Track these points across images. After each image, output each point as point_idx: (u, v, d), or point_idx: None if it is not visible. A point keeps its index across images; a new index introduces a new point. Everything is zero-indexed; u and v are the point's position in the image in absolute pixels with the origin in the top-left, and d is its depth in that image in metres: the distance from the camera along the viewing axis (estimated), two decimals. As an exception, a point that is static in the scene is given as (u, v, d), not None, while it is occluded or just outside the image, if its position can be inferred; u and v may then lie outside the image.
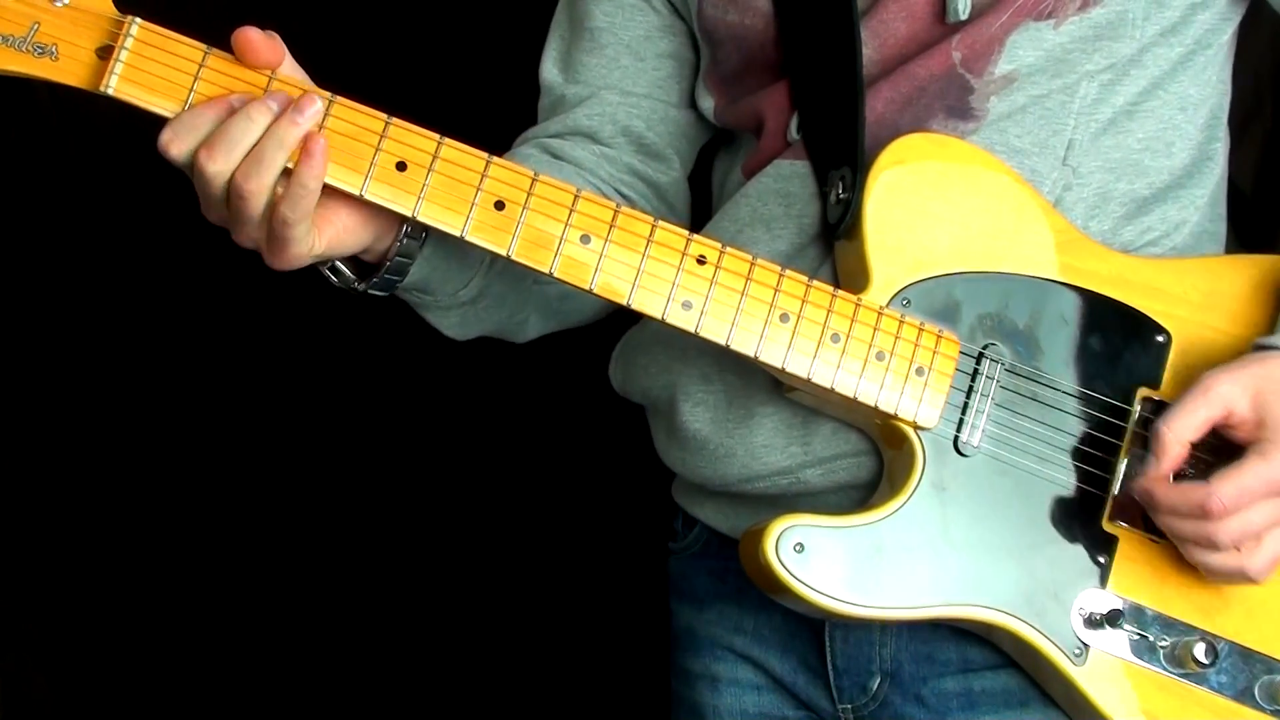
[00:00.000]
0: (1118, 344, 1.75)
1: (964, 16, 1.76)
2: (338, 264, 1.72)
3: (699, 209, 2.04)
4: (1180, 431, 1.65)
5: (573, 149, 1.94)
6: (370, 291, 1.74)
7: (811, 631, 1.89)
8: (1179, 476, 1.68)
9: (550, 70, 2.01)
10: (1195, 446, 1.67)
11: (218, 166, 1.57)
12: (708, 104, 1.96)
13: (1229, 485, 1.62)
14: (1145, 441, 1.69)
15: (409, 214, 1.63)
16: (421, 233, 1.71)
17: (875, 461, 1.79)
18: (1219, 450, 1.68)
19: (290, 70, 1.63)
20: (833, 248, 1.80)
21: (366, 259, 1.72)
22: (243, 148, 1.57)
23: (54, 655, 2.95)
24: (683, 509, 2.01)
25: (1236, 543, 1.64)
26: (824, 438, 1.79)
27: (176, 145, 1.58)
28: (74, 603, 2.95)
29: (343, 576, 2.97)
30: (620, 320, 2.01)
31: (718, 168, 2.02)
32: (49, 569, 2.93)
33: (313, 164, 1.57)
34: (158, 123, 1.59)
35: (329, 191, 1.60)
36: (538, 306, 1.94)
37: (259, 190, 1.57)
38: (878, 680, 1.86)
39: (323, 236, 1.64)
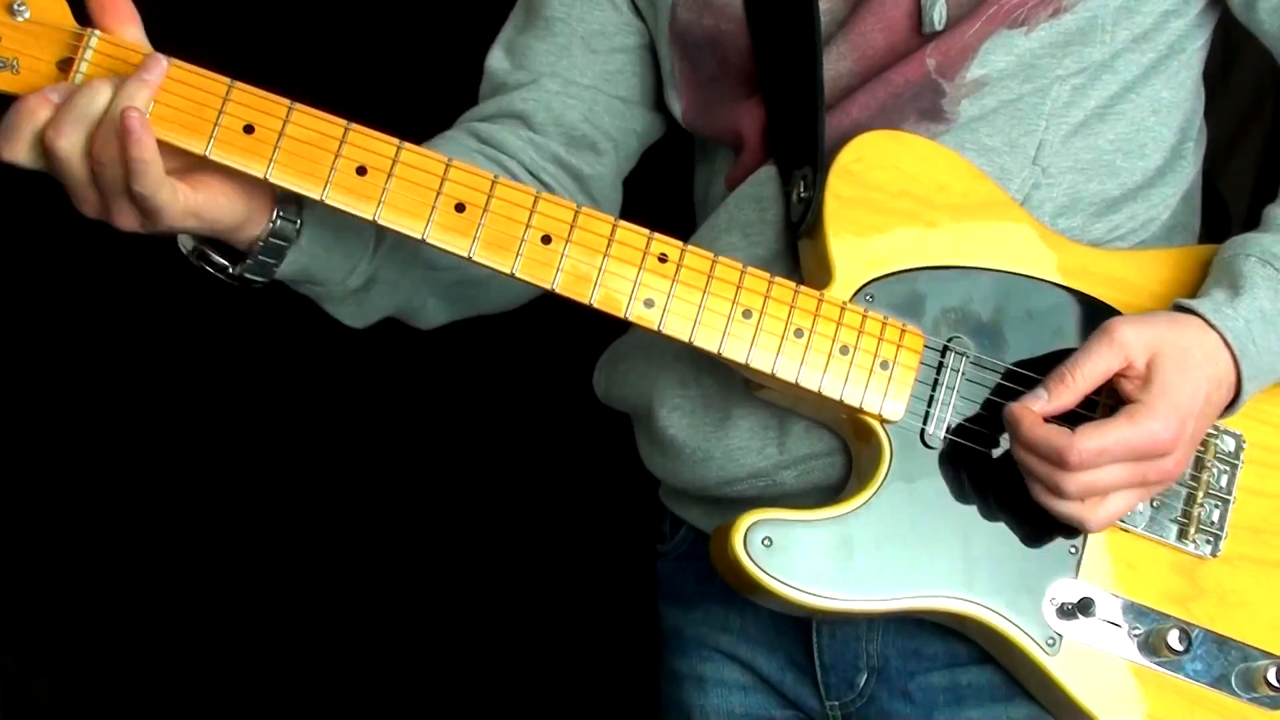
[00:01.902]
0: (1082, 335, 1.75)
1: (940, 27, 1.77)
2: (209, 253, 1.73)
3: (682, 221, 2.05)
4: (1079, 381, 1.66)
5: (499, 132, 1.94)
6: (248, 277, 1.74)
7: (798, 629, 1.89)
8: None
9: (496, 57, 2.01)
10: None
11: (68, 141, 1.58)
12: (677, 106, 1.97)
13: (1091, 441, 1.62)
14: None
15: (370, 217, 1.64)
16: (297, 219, 1.72)
17: (849, 461, 1.80)
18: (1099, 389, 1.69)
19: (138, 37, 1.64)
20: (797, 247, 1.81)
21: (243, 248, 1.73)
22: (91, 118, 1.58)
23: (54, 655, 2.95)
24: (670, 511, 2.02)
25: (1082, 495, 1.64)
26: (797, 438, 1.80)
27: (9, 146, 1.59)
28: (74, 603, 2.95)
29: (338, 580, 2.97)
30: (608, 331, 2.02)
31: (698, 181, 2.03)
32: (49, 569, 2.93)
33: (135, 140, 1.57)
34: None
35: (202, 162, 1.62)
36: (435, 291, 1.93)
37: (115, 157, 1.58)
38: (865, 676, 1.86)
39: (193, 197, 1.64)
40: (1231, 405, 1.71)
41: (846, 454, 1.80)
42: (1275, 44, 1.84)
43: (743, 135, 1.89)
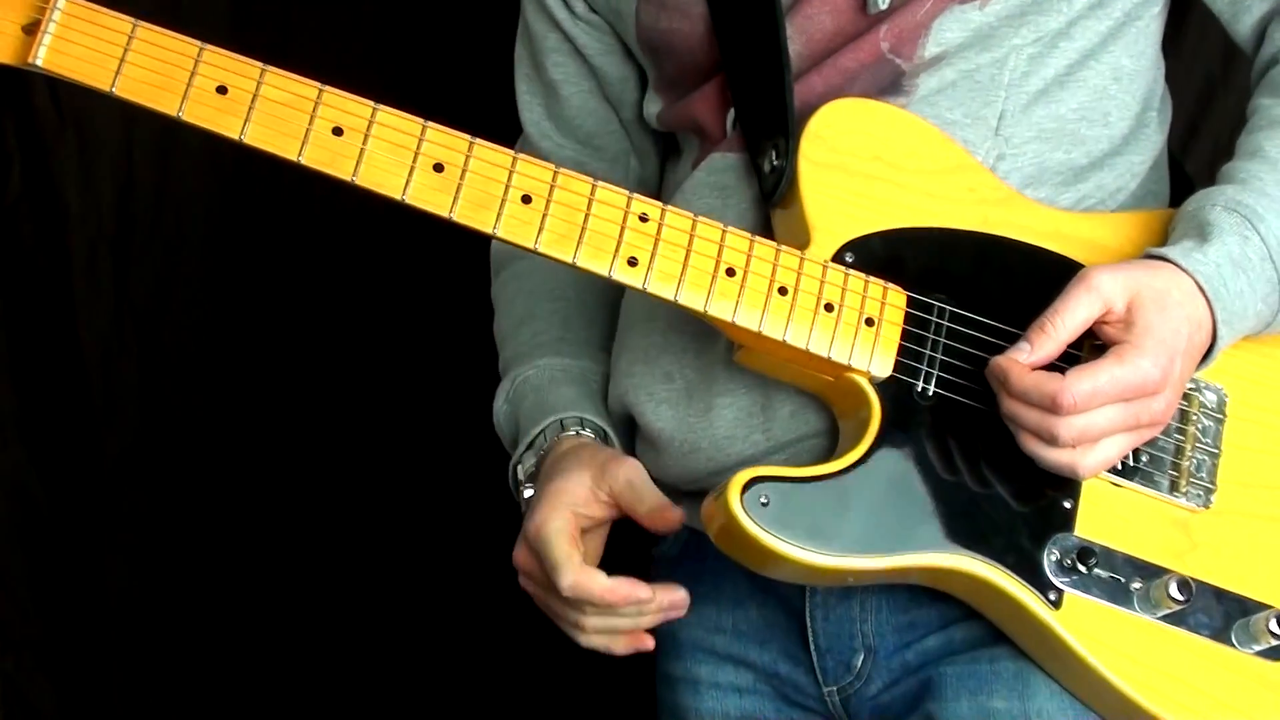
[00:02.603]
0: (1059, 294, 1.75)
1: (884, 7, 1.79)
2: None
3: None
4: (1060, 330, 1.64)
5: None
6: None
7: (791, 616, 1.85)
8: None
9: (532, 124, 2.07)
10: None
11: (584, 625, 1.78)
12: (653, 109, 1.99)
13: (1084, 382, 1.60)
14: None
15: (349, 179, 1.61)
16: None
17: (836, 443, 1.77)
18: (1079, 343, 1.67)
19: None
20: (770, 222, 1.80)
21: None
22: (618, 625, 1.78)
23: (55, 657, 2.90)
24: None
25: (1076, 441, 1.62)
26: (783, 421, 1.78)
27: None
28: (75, 604, 2.90)
29: (334, 583, 2.95)
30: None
31: (667, 174, 2.05)
32: (49, 570, 2.88)
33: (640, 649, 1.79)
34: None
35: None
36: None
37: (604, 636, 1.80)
38: (861, 656, 1.82)
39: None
40: (1209, 353, 1.70)
41: (833, 435, 1.77)
42: (1225, 9, 1.88)
43: (701, 121, 1.90)
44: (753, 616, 1.88)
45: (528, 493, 1.87)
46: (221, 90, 1.59)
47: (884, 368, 1.70)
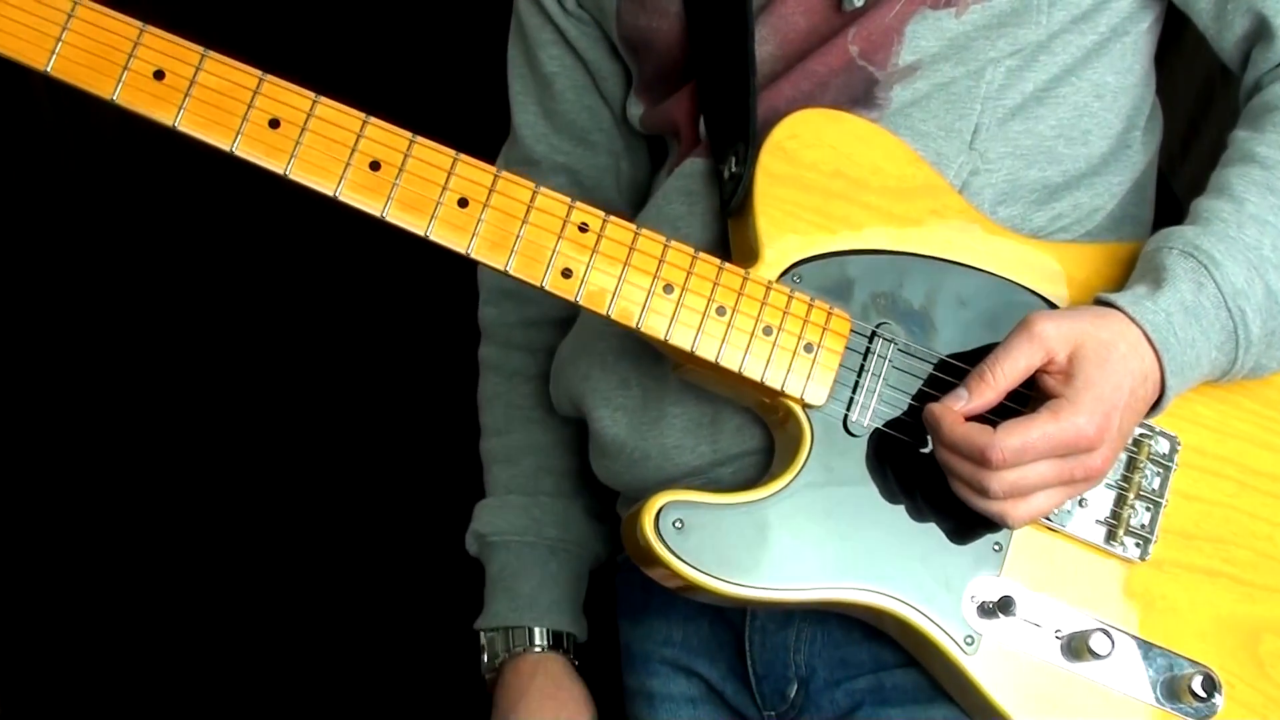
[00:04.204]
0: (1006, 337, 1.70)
1: (859, 3, 1.73)
2: None
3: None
4: (1000, 379, 1.60)
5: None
6: None
7: (733, 639, 1.85)
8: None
9: (526, 125, 2.04)
10: None
11: None
12: (635, 112, 1.95)
13: (1014, 439, 1.56)
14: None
15: (281, 171, 1.59)
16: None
17: None
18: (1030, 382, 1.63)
19: None
20: (727, 228, 1.76)
21: None
22: None
23: (54, 656, 2.96)
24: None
25: (1006, 494, 1.58)
26: (730, 435, 1.75)
27: None
28: (74, 603, 2.96)
29: (328, 584, 3.00)
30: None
31: (654, 179, 2.01)
32: (48, 569, 2.94)
33: None
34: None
35: None
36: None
37: None
38: (795, 686, 1.82)
39: None
40: (1159, 402, 1.65)
41: None
42: (1210, 25, 1.79)
43: (678, 125, 1.87)
44: (704, 632, 1.88)
45: (488, 675, 2.03)
46: (159, 75, 1.57)
47: (818, 396, 1.67)
